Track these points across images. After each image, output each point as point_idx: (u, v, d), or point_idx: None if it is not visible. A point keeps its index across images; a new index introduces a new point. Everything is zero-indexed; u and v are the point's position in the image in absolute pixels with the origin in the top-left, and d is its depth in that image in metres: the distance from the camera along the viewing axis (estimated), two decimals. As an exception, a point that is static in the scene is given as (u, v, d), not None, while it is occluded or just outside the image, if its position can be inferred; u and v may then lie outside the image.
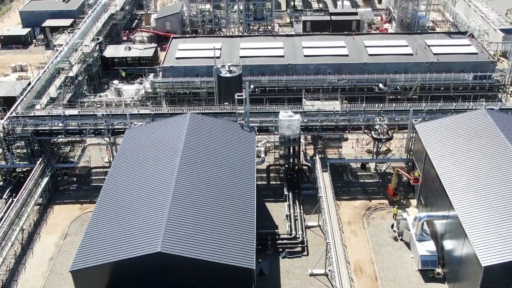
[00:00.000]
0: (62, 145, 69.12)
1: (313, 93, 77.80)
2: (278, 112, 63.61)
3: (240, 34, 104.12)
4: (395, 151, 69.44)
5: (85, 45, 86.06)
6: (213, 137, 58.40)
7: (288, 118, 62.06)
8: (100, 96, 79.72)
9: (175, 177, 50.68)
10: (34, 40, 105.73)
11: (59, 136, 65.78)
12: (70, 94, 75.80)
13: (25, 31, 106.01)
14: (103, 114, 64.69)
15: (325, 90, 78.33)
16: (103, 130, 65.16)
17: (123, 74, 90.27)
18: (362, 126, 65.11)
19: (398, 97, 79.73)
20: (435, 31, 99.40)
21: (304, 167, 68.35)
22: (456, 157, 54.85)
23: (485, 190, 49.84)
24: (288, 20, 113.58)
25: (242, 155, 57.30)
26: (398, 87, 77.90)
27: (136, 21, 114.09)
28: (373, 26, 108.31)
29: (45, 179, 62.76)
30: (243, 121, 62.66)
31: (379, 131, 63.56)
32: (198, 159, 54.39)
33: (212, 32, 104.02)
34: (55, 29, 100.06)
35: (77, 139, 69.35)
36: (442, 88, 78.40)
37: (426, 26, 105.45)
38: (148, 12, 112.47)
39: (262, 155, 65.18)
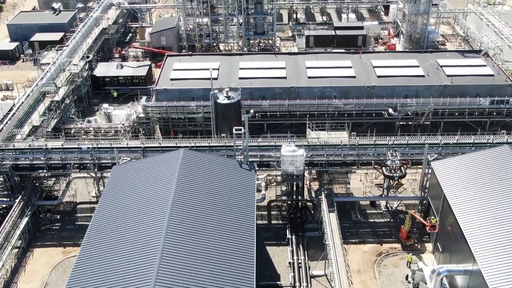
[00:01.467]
0: (45, 179, 63.39)
1: (318, 118, 72.72)
2: (280, 146, 58.00)
3: (239, 48, 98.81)
4: (407, 184, 63.89)
5: (74, 64, 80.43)
6: (209, 176, 52.82)
7: (291, 154, 56.47)
8: (88, 121, 74.09)
9: (167, 221, 45.93)
10: (22, 55, 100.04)
11: (41, 171, 60.17)
12: (56, 120, 70.13)
13: (12, 45, 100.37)
14: (88, 148, 59.12)
15: (330, 115, 73.04)
16: (88, 165, 59.65)
17: (115, 94, 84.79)
18: (372, 161, 59.49)
19: (409, 123, 74.38)
20: (447, 50, 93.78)
21: (308, 203, 62.77)
22: (478, 202, 49.29)
23: (513, 244, 44.36)
24: (290, 34, 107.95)
25: (240, 196, 51.80)
26: (409, 113, 72.42)
27: (130, 34, 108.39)
28: (380, 41, 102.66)
29: (25, 219, 57.29)
30: (242, 157, 57.22)
31: (391, 167, 57.97)
32: (192, 201, 49.09)
33: (210, 48, 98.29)
34: (44, 44, 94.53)
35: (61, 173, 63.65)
36: (456, 114, 72.91)
37: (436, 41, 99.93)
38: (143, 25, 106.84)
39: (263, 192, 59.60)
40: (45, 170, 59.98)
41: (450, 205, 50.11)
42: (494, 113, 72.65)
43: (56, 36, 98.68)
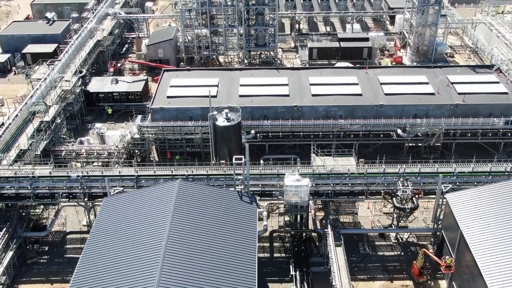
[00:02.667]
0: (32, 207, 59.50)
1: (322, 139, 69.03)
2: (283, 175, 54.10)
3: (240, 60, 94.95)
4: (418, 213, 59.92)
5: (66, 81, 76.57)
6: (207, 210, 49.09)
7: (295, 184, 52.55)
8: (80, 142, 70.16)
9: (162, 257, 42.89)
10: (13, 68, 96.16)
11: (27, 200, 56.27)
12: (46, 141, 66.20)
13: (4, 57, 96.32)
14: (78, 176, 55.22)
15: (335, 136, 69.22)
16: (78, 194, 55.80)
17: (109, 111, 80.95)
18: (382, 191, 55.56)
19: (419, 144, 70.54)
20: (457, 65, 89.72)
21: (313, 233, 58.87)
22: (498, 240, 45.49)
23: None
24: (292, 45, 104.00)
25: (240, 230, 48.19)
26: (419, 133, 68.55)
27: (126, 45, 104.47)
28: (386, 52, 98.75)
29: (10, 253, 53.36)
30: (242, 187, 53.42)
31: (402, 197, 54.07)
32: (188, 237, 45.69)
33: (210, 61, 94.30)
34: (37, 56, 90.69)
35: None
36: (469, 134, 69.02)
37: (444, 54, 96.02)
38: (140, 36, 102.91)
39: (265, 223, 55.71)
40: (31, 200, 56.02)
41: (468, 244, 46.23)
42: (509, 134, 68.75)
43: (49, 47, 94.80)
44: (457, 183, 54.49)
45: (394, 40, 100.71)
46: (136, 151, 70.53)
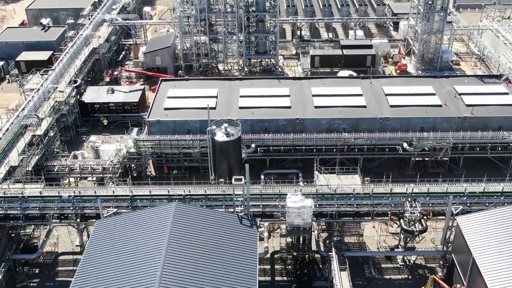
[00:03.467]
0: (22, 228, 56.85)
1: (326, 153, 66.55)
2: (285, 195, 51.46)
3: (240, 68, 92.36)
4: (426, 234, 57.21)
5: (60, 91, 73.98)
6: (205, 233, 46.47)
7: (298, 205, 49.91)
8: (74, 156, 67.55)
9: (158, 283, 40.46)
10: (7, 76, 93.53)
11: (16, 221, 53.67)
12: (38, 156, 63.61)
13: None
14: (69, 196, 52.63)
15: (339, 150, 66.68)
16: (70, 215, 53.22)
17: (105, 122, 78.34)
18: (389, 212, 52.94)
19: (426, 159, 67.96)
20: (464, 74, 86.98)
21: (316, 254, 56.23)
22: (514, 269, 42.92)
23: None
24: (293, 52, 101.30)
25: (240, 255, 45.55)
26: (426, 148, 65.96)
27: (123, 52, 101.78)
28: (390, 60, 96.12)
29: (-2, 277, 50.79)
30: (242, 208, 50.86)
31: (410, 219, 51.48)
32: (185, 262, 43.12)
33: (209, 69, 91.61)
34: (31, 64, 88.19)
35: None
36: (478, 149, 66.42)
37: (450, 61, 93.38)
38: (137, 42, 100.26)
39: (266, 244, 53.31)
40: (21, 221, 53.42)
41: (481, 272, 43.63)
42: (519, 148, 66.30)
43: (43, 55, 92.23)
44: (468, 204, 51.88)
45: (398, 47, 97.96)
46: (132, 166, 67.94)
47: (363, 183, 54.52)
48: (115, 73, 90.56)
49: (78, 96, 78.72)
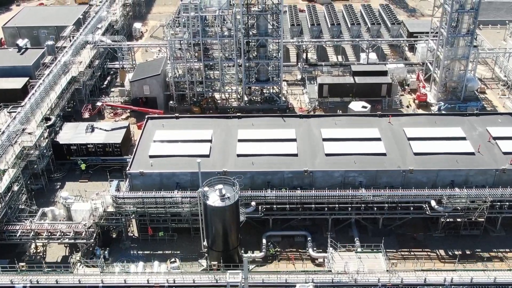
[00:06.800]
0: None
1: (339, 213, 56.43)
2: (294, 286, 41.25)
3: (238, 97, 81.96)
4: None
5: (29, 133, 63.64)
6: None
7: (310, 303, 39.74)
8: (43, 214, 57.35)
9: None
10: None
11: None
12: (-2, 217, 53.46)
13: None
14: (24, 287, 42.35)
15: (355, 208, 56.45)
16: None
17: (83, 166, 68.07)
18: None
19: (458, 220, 57.65)
20: (496, 112, 76.84)
21: None
22: None
23: None
24: (299, 76, 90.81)
25: None
26: (458, 207, 55.69)
27: (109, 77, 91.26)
28: (406, 88, 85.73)
29: None
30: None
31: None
32: None
33: (204, 99, 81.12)
34: (3, 94, 77.57)
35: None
36: (519, 208, 56.19)
37: (475, 91, 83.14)
38: (124, 66, 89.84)
39: None
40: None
41: None
42: None
43: (18, 83, 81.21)
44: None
45: (416, 73, 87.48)
46: (111, 227, 57.69)
47: (389, 266, 44.25)
48: (97, 104, 80.00)
49: (53, 135, 68.48)
